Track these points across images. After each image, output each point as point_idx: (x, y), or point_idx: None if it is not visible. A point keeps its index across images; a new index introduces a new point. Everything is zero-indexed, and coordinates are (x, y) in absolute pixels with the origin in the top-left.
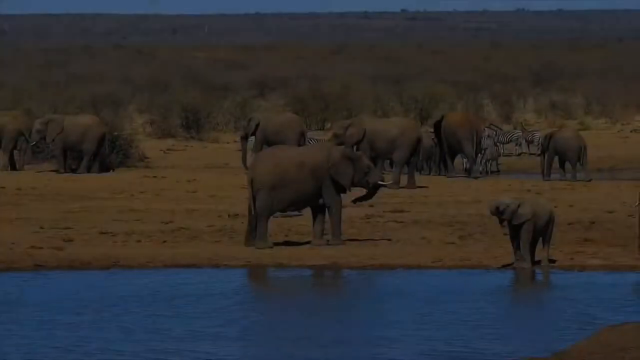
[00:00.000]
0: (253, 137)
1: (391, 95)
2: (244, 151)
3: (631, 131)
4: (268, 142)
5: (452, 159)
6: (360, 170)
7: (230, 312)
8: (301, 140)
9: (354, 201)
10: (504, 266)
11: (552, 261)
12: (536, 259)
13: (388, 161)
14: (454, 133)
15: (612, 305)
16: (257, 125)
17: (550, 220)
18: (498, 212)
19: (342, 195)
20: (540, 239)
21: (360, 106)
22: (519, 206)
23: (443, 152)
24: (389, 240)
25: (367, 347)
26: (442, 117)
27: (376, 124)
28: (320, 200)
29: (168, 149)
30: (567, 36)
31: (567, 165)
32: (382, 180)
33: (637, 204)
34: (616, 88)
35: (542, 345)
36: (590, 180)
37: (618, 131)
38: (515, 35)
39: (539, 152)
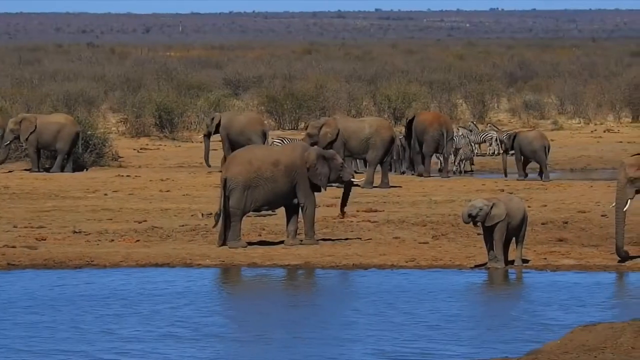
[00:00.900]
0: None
1: (365, 95)
2: (206, 149)
3: (605, 131)
4: (231, 141)
5: (423, 158)
6: (335, 169)
7: (188, 312)
8: (263, 139)
9: (343, 213)
10: (477, 266)
11: (526, 261)
12: (509, 259)
13: (362, 161)
14: (423, 131)
15: (584, 305)
16: (219, 124)
17: (523, 220)
18: (471, 218)
19: (315, 194)
20: (514, 238)
21: (334, 105)
22: (492, 207)
23: (414, 151)
24: (362, 239)
25: (328, 347)
26: (414, 116)
27: (350, 123)
28: (295, 200)
29: (141, 148)
30: (541, 36)
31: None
32: (353, 178)
33: (613, 204)
34: (590, 88)
35: (514, 345)
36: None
37: (591, 131)
38: (489, 35)
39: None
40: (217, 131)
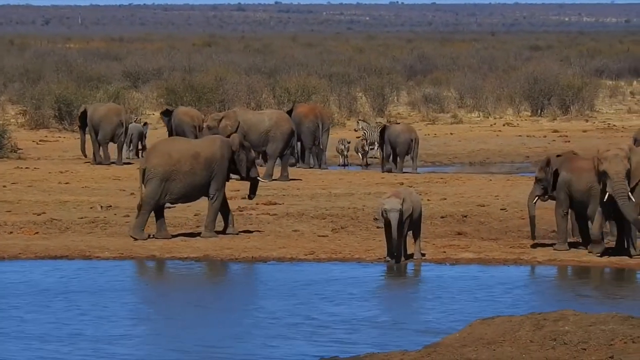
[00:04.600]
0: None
1: (264, 88)
2: (81, 140)
3: (504, 125)
4: (95, 131)
5: (304, 151)
6: (250, 160)
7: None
8: (119, 129)
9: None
10: (381, 259)
11: (423, 254)
12: (409, 252)
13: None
14: (299, 124)
15: (482, 299)
16: (83, 115)
17: (420, 214)
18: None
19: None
20: (411, 232)
21: (234, 98)
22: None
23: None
24: (262, 232)
25: (185, 342)
26: (292, 108)
27: (249, 116)
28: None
29: (41, 140)
30: (440, 29)
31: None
32: (258, 175)
33: (536, 199)
34: (489, 82)
35: (411, 338)
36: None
37: (491, 125)
38: (389, 28)
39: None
40: (85, 122)
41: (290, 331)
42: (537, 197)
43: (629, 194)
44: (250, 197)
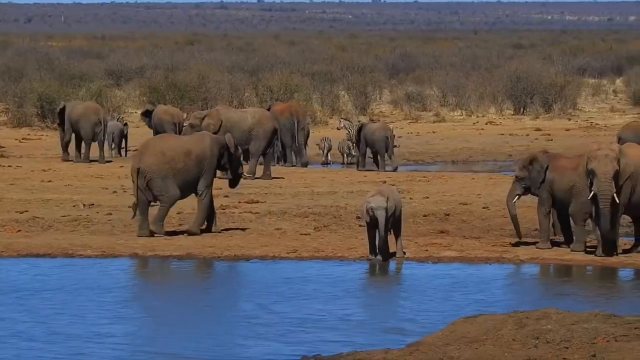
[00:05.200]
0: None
1: (247, 86)
2: (60, 137)
3: (486, 123)
4: (73, 129)
5: (285, 149)
6: (238, 159)
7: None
8: (98, 127)
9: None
10: (363, 257)
11: (404, 253)
12: (390, 250)
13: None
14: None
15: (465, 297)
16: (62, 111)
17: (401, 211)
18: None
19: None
20: (391, 230)
21: (216, 96)
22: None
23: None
24: (244, 231)
25: (156, 342)
26: (269, 107)
27: (232, 114)
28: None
29: (23, 138)
30: (423, 28)
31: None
32: (243, 173)
33: (516, 198)
34: (472, 80)
35: (395, 336)
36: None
37: (473, 123)
38: (372, 27)
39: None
40: (63, 119)
41: (271, 329)
42: (517, 196)
43: (614, 195)
44: (231, 185)
